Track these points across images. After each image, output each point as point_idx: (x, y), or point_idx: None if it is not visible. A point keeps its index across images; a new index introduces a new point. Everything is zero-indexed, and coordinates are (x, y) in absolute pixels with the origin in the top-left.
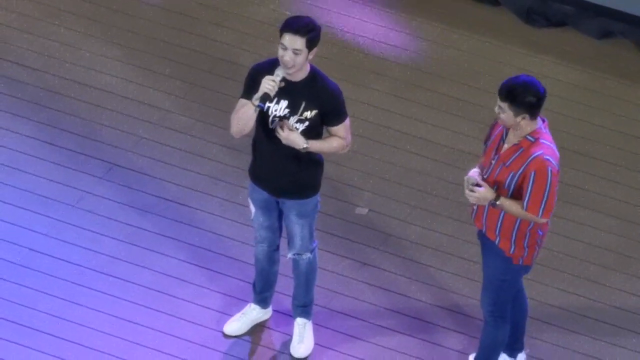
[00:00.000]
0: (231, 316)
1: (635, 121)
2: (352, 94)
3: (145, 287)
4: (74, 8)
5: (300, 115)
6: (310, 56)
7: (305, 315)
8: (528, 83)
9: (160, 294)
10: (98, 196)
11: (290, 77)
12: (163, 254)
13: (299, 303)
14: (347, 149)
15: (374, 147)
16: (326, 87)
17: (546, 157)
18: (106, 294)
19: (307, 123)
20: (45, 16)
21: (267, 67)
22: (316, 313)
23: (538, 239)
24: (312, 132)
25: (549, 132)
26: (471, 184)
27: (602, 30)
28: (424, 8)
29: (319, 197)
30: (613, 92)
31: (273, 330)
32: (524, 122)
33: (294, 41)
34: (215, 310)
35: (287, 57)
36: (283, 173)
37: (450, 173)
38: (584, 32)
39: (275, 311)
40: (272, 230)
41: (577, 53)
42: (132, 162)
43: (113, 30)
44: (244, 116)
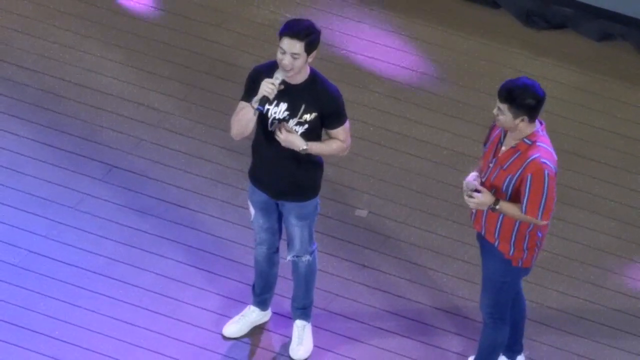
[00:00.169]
0: (230, 318)
1: (635, 123)
2: (352, 96)
3: (144, 289)
4: (74, 10)
5: (299, 118)
6: (309, 59)
7: (304, 317)
8: (528, 85)
9: (159, 296)
10: (98, 198)
11: (289, 80)
12: (162, 256)
13: (299, 305)
14: (347, 152)
15: (374, 149)
16: (326, 90)
17: (543, 160)
18: (106, 296)
19: (307, 126)
20: (45, 18)
21: (268, 69)
22: (315, 315)
23: (537, 241)
24: (312, 135)
25: (547, 135)
26: (470, 190)
27: (602, 32)
28: (424, 10)
29: (319, 199)
30: (613, 94)
31: (272, 332)
32: (523, 125)
33: (293, 45)
34: (214, 312)
35: (286, 61)
36: (283, 175)
37: (449, 175)
38: (584, 34)
39: (274, 313)
40: (272, 232)
41: (577, 55)
42: (132, 164)
43: (113, 32)
44: (244, 119)
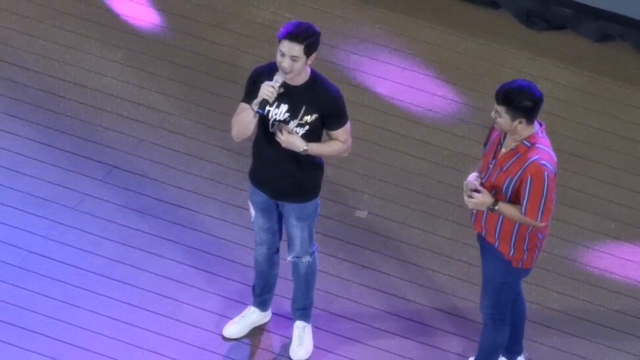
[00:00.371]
0: (230, 319)
1: (634, 124)
2: (352, 97)
3: (144, 290)
4: (74, 10)
5: (300, 119)
6: (309, 61)
7: (304, 318)
8: (524, 87)
9: (159, 297)
10: (98, 198)
11: (290, 82)
12: (162, 257)
13: (299, 306)
14: (347, 153)
15: (374, 150)
16: (326, 91)
17: (542, 162)
18: (105, 296)
19: (308, 127)
20: (45, 18)
21: (268, 70)
22: (315, 316)
23: (537, 242)
24: (313, 136)
25: (546, 136)
26: (470, 190)
27: (601, 33)
28: (424, 10)
29: (319, 200)
30: (612, 95)
31: (272, 333)
32: (521, 127)
33: (292, 48)
34: (214, 312)
35: (285, 64)
36: (283, 176)
37: (450, 175)
38: (583, 35)
39: (274, 314)
40: (272, 232)
41: (576, 55)
42: (132, 165)
43: (113, 32)
44: (244, 121)
